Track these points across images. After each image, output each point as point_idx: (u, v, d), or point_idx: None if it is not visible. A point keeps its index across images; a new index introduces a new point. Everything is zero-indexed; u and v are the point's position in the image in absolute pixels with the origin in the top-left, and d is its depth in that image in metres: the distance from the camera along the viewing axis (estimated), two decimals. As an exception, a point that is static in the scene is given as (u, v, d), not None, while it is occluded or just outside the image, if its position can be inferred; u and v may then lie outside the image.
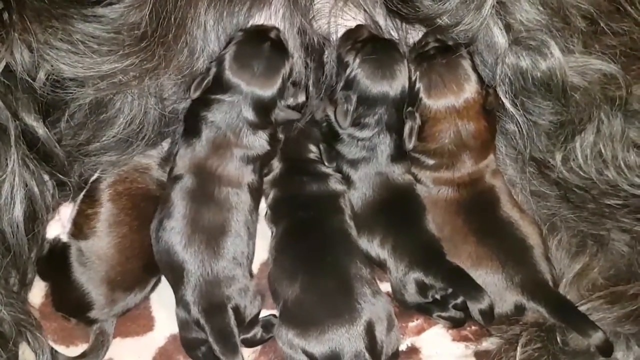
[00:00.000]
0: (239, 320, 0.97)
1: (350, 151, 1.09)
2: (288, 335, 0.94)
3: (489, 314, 0.96)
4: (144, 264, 1.03)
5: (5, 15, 0.95)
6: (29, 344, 0.99)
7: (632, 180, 1.01)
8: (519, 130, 1.05)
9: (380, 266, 1.05)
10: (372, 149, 1.08)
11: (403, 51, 1.09)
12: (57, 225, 1.07)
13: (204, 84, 1.03)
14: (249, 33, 1.05)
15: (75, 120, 1.03)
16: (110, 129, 1.03)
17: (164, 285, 1.06)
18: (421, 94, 1.06)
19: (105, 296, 1.00)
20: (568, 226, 1.06)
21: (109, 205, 1.04)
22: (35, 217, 1.02)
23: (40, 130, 1.00)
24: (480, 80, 1.05)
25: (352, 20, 1.10)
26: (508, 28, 1.00)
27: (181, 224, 0.99)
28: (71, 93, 0.99)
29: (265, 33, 1.05)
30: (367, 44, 1.07)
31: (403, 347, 1.03)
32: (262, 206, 1.09)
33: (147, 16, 0.98)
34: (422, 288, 1.00)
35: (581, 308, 0.98)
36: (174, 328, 1.01)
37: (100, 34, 0.98)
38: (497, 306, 0.99)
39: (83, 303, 1.00)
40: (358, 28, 1.10)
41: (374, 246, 1.04)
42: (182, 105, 1.07)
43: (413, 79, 1.07)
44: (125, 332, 1.05)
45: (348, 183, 1.09)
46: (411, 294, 1.01)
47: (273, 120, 1.06)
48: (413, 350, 1.04)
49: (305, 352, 0.94)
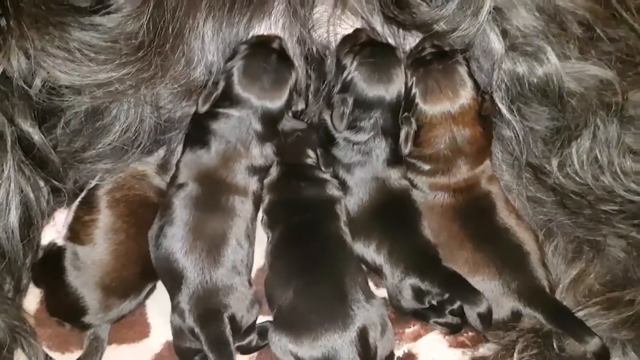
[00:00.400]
0: (235, 329, 0.96)
1: (346, 155, 1.09)
2: (282, 341, 0.94)
3: (487, 318, 0.96)
4: (140, 271, 1.03)
5: (2, 22, 0.95)
6: (23, 350, 0.99)
7: (628, 186, 1.01)
8: (515, 136, 1.05)
9: (376, 272, 1.05)
10: (368, 153, 1.08)
11: (400, 57, 1.10)
12: (52, 230, 1.07)
13: (212, 98, 1.04)
14: (254, 46, 1.05)
15: (71, 127, 1.03)
16: (105, 136, 1.04)
17: (160, 292, 1.05)
18: (417, 100, 1.06)
19: (99, 301, 1.00)
20: (564, 232, 1.06)
21: (106, 212, 1.04)
22: (30, 223, 1.02)
23: (36, 136, 1.00)
24: (476, 86, 1.05)
25: (351, 28, 1.10)
26: (505, 34, 1.00)
27: (183, 231, 0.99)
28: (67, 100, 1.00)
29: (269, 44, 1.06)
30: (365, 48, 1.07)
31: (400, 354, 1.03)
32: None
33: (145, 26, 0.99)
34: (418, 294, 1.00)
35: (578, 314, 0.98)
36: (170, 335, 1.01)
37: (98, 43, 0.98)
38: (494, 312, 0.98)
39: (77, 307, 1.00)
40: (357, 32, 1.10)
41: (369, 251, 1.04)
42: (178, 114, 1.07)
43: (409, 84, 1.07)
44: (121, 339, 1.05)
45: (344, 188, 1.08)
46: (407, 300, 1.01)
47: (280, 130, 1.07)
48: (410, 356, 1.04)
49: (298, 358, 0.93)
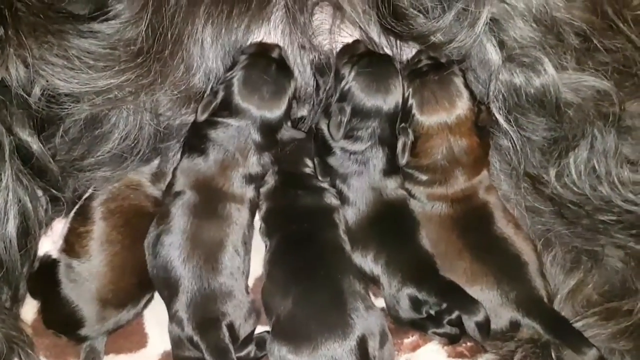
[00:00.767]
0: (233, 338, 0.96)
1: (343, 165, 1.09)
2: (281, 351, 0.93)
3: (485, 327, 0.96)
4: (137, 281, 1.02)
5: (0, 31, 0.95)
6: (20, 360, 0.99)
7: (626, 196, 1.01)
8: (512, 146, 1.05)
9: (373, 282, 1.04)
10: (365, 163, 1.08)
11: (398, 68, 1.10)
12: (48, 241, 1.07)
13: (211, 107, 1.04)
14: (253, 56, 1.06)
15: (69, 135, 1.03)
16: (105, 144, 1.04)
17: (157, 302, 1.05)
18: (414, 110, 1.06)
19: (96, 314, 1.00)
20: (562, 242, 1.06)
21: (101, 224, 1.03)
22: (28, 233, 1.02)
23: (35, 145, 1.00)
24: (473, 97, 1.06)
25: (349, 37, 1.11)
26: (501, 45, 1.01)
27: (181, 239, 0.99)
28: (66, 108, 1.00)
29: (269, 54, 1.07)
30: (364, 58, 1.07)
31: (398, 364, 1.03)
32: (257, 220, 1.09)
33: (144, 32, 0.99)
34: (416, 304, 0.99)
35: (576, 324, 0.98)
36: (168, 345, 1.00)
37: (96, 50, 0.99)
38: (493, 322, 0.98)
39: (73, 320, 1.00)
40: (355, 43, 1.10)
41: (367, 261, 1.04)
42: (178, 121, 1.07)
43: (406, 95, 1.07)
44: (118, 349, 1.04)
45: (341, 198, 1.08)
46: (405, 310, 1.00)
47: (279, 140, 1.08)
48: (408, 366, 1.04)
49: (297, 368, 0.93)
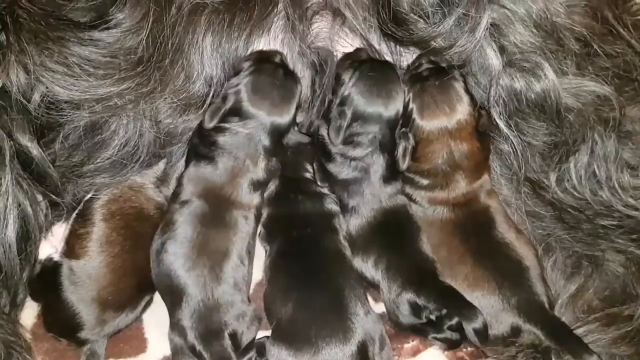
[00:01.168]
0: (235, 346, 0.96)
1: (342, 171, 1.08)
2: (281, 355, 0.93)
3: (483, 333, 0.96)
4: (136, 283, 1.02)
5: (2, 37, 0.96)
6: (18, 365, 0.98)
7: (626, 201, 1.01)
8: (513, 151, 1.05)
9: (374, 287, 1.04)
10: (365, 170, 1.07)
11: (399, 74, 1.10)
12: (48, 245, 1.07)
13: (220, 113, 1.04)
14: (258, 62, 1.06)
15: (69, 141, 1.03)
16: (104, 150, 1.04)
17: (156, 306, 1.05)
18: (414, 115, 1.07)
19: (95, 316, 1.00)
20: (563, 247, 1.06)
21: (101, 225, 1.03)
22: (27, 237, 1.02)
23: (35, 150, 1.00)
24: (473, 101, 1.06)
25: (349, 44, 1.11)
26: (502, 50, 1.01)
27: (186, 247, 0.99)
28: (66, 115, 1.00)
29: (272, 59, 1.07)
30: (365, 64, 1.08)
31: (399, 369, 1.03)
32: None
33: (144, 41, 1.00)
34: (416, 309, 0.99)
35: (577, 331, 0.98)
36: (167, 350, 1.00)
37: (97, 58, 0.99)
38: (493, 328, 0.99)
39: (73, 323, 1.00)
40: (357, 51, 1.11)
41: (367, 267, 1.04)
42: (178, 128, 1.07)
43: (406, 99, 1.07)
44: (118, 353, 1.04)
45: (341, 204, 1.08)
46: (405, 315, 1.00)
47: (285, 144, 1.08)
48: (409, 371, 1.03)
49: (297, 372, 0.93)
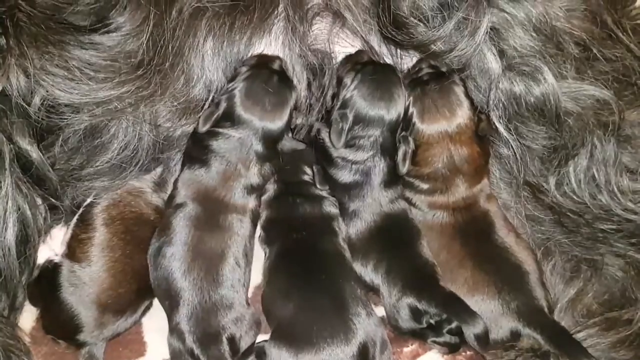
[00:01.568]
0: (233, 351, 0.96)
1: (344, 175, 1.09)
2: (282, 356, 0.93)
3: (483, 339, 0.96)
4: (136, 288, 1.03)
5: (2, 41, 0.96)
6: (17, 369, 0.98)
7: (625, 205, 1.01)
8: (512, 155, 1.05)
9: (374, 291, 1.04)
10: (367, 173, 1.08)
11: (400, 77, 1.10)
12: (47, 248, 1.07)
13: (213, 118, 1.04)
14: (255, 67, 1.06)
15: (69, 145, 1.04)
16: (104, 154, 1.04)
17: (155, 310, 1.05)
18: (414, 119, 1.07)
19: (94, 319, 1.00)
20: (562, 251, 1.06)
21: (102, 230, 1.04)
22: (27, 241, 1.02)
23: (34, 154, 1.00)
24: (473, 106, 1.06)
25: (349, 46, 1.11)
26: (502, 54, 1.01)
27: (182, 250, 0.99)
28: (66, 119, 1.00)
29: (270, 65, 1.07)
30: (367, 66, 1.08)
31: (398, 372, 1.03)
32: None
33: (145, 45, 1.00)
34: (416, 313, 0.99)
35: (576, 335, 0.98)
36: (166, 353, 1.00)
37: (97, 61, 0.99)
38: (493, 332, 0.99)
39: (72, 325, 1.00)
40: (358, 53, 1.11)
41: (367, 271, 1.04)
42: (177, 132, 1.08)
43: (407, 103, 1.07)
44: (117, 357, 1.04)
45: (342, 208, 1.08)
46: (405, 320, 1.00)
47: (279, 150, 1.08)
48: (408, 375, 1.03)
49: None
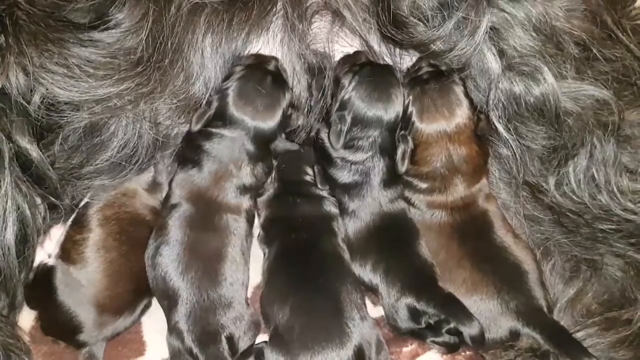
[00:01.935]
0: (232, 351, 0.96)
1: (343, 175, 1.09)
2: (278, 360, 0.94)
3: (479, 340, 0.97)
4: (133, 288, 1.03)
5: (1, 39, 0.96)
6: (17, 368, 0.98)
7: (625, 205, 1.01)
8: (512, 155, 1.05)
9: (372, 291, 1.04)
10: (366, 174, 1.08)
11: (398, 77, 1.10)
12: (46, 248, 1.07)
13: (205, 117, 1.04)
14: (249, 67, 1.06)
15: (69, 143, 1.03)
16: (104, 152, 1.04)
17: (155, 310, 1.05)
18: (413, 118, 1.07)
19: (93, 319, 1.00)
20: (562, 251, 1.06)
21: (97, 231, 1.04)
22: (26, 240, 1.02)
23: (34, 152, 1.00)
24: (472, 105, 1.06)
25: (348, 45, 1.11)
26: (501, 54, 1.01)
27: (178, 250, 0.99)
28: (65, 116, 1.00)
29: (264, 65, 1.07)
30: (365, 67, 1.08)
31: (397, 372, 1.03)
32: (255, 227, 1.09)
33: (144, 41, 1.00)
34: (414, 314, 0.99)
35: (576, 335, 0.98)
36: (166, 353, 1.00)
37: (96, 59, 0.99)
38: (492, 331, 0.99)
39: (71, 326, 1.00)
40: (356, 54, 1.11)
41: (366, 271, 1.04)
42: (176, 130, 1.08)
43: (406, 103, 1.08)
44: (116, 357, 1.04)
45: (341, 208, 1.08)
46: (403, 320, 1.00)
47: (272, 151, 1.08)
48: (407, 375, 1.03)
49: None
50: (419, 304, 0.99)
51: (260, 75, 1.05)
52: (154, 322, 1.05)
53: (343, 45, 1.11)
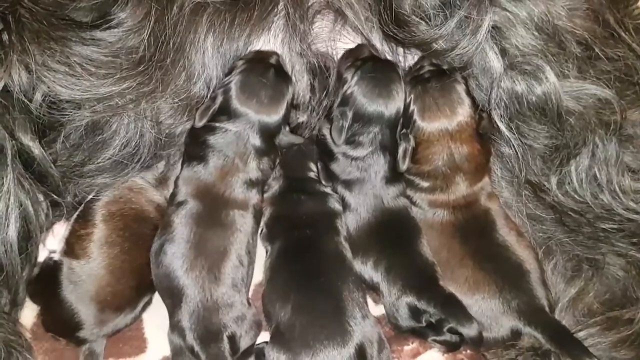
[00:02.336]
0: (233, 350, 0.96)
1: (345, 171, 1.09)
2: (279, 359, 0.93)
3: (477, 341, 0.97)
4: (135, 284, 1.03)
5: (4, 37, 0.96)
6: (19, 365, 0.99)
7: (627, 204, 1.01)
8: (514, 154, 1.05)
9: (373, 289, 1.04)
10: (366, 170, 1.08)
11: (400, 74, 1.10)
12: (49, 245, 1.08)
13: (210, 112, 1.04)
14: (251, 61, 1.06)
15: (71, 141, 1.04)
16: (105, 150, 1.04)
17: (156, 307, 1.05)
18: (415, 116, 1.07)
19: (94, 316, 1.00)
20: (563, 250, 1.06)
21: (101, 226, 1.04)
22: (29, 237, 1.02)
23: (36, 150, 1.00)
24: (474, 104, 1.06)
25: (350, 43, 1.11)
26: (503, 53, 1.01)
27: (184, 248, 0.99)
28: (67, 115, 1.01)
29: (266, 59, 1.07)
30: (367, 63, 1.08)
31: (398, 371, 1.03)
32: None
33: (146, 40, 1.00)
34: (415, 312, 1.00)
35: (577, 334, 0.98)
36: (167, 350, 1.00)
37: (98, 57, 0.99)
38: (494, 331, 0.99)
39: (72, 322, 1.00)
40: (359, 47, 1.11)
41: (367, 269, 1.04)
42: (179, 129, 1.08)
43: (407, 101, 1.08)
44: (118, 354, 1.04)
45: (343, 204, 1.09)
46: (404, 318, 1.01)
47: (277, 144, 1.08)
48: (408, 374, 1.03)
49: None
50: (420, 303, 0.99)
51: (263, 68, 1.05)
52: (155, 319, 1.05)
53: (345, 43, 1.11)
